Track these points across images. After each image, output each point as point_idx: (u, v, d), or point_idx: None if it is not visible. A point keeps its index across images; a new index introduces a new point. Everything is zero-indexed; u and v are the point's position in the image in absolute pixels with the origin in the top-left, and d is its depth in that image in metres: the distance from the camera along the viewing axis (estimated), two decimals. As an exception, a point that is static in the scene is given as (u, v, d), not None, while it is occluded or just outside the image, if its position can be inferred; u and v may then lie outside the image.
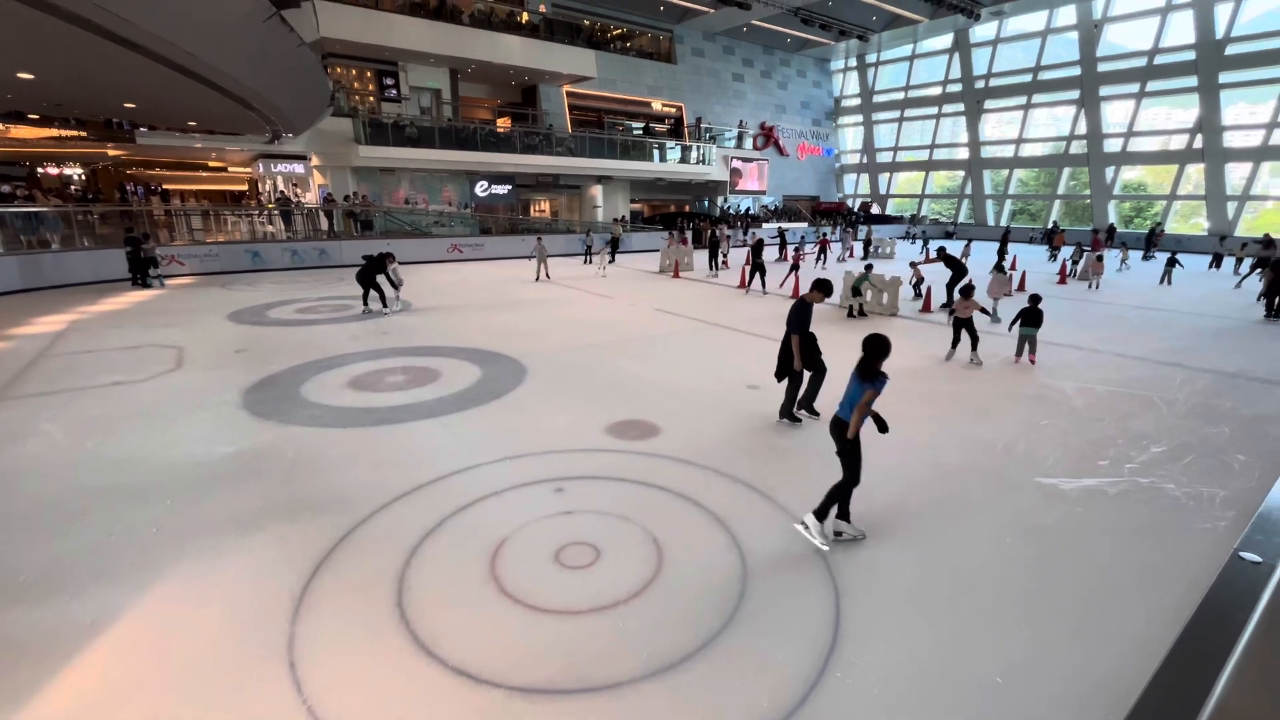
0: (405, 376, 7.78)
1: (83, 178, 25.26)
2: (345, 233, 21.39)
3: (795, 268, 15.02)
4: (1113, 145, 29.75)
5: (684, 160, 30.38)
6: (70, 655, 3.06)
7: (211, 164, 25.51)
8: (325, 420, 6.27)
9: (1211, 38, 25.62)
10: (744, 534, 4.19)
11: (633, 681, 2.93)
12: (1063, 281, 17.34)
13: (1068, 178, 32.30)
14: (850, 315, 12.07)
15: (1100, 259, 16.72)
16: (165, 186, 27.50)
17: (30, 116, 18.50)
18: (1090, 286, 16.16)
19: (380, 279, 11.68)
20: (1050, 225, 29.42)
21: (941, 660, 3.09)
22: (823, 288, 6.13)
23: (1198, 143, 26.99)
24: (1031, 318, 8.51)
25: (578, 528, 4.24)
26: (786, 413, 6.24)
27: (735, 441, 5.81)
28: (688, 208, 34.78)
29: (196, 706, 2.79)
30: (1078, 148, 30.86)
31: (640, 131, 30.50)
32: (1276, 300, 12.59)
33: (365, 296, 11.76)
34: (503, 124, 26.75)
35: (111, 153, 21.36)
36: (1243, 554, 2.15)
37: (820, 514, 4.08)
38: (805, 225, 32.40)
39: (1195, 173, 27.75)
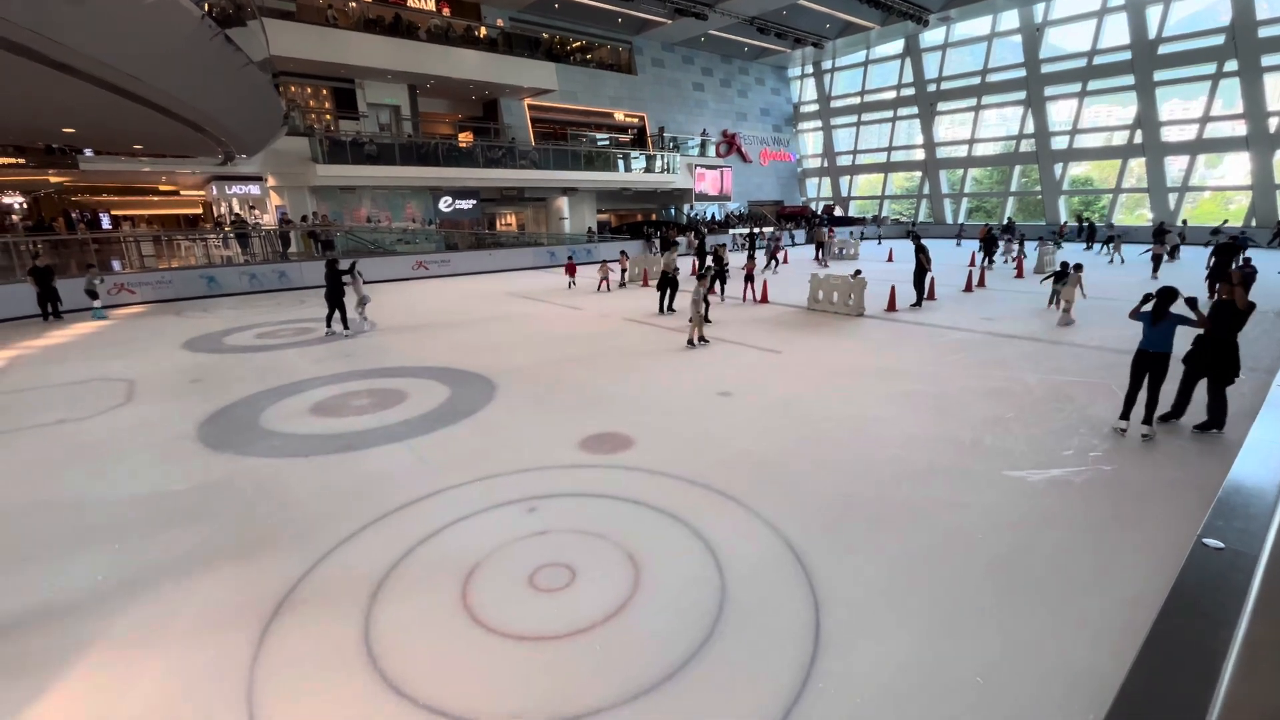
0: (370, 399, 7.57)
1: (24, 206, 24.22)
2: (305, 254, 20.87)
3: (750, 278, 15.02)
4: (1059, 143, 30.92)
5: (649, 169, 30.49)
6: (15, 713, 2.85)
7: (162, 187, 24.69)
8: (286, 450, 6.04)
9: (1145, 38, 26.89)
10: (720, 544, 4.14)
11: (613, 707, 2.84)
12: (1020, 275, 17.90)
13: (1019, 175, 33.42)
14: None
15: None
16: (114, 212, 26.58)
17: (-39, 144, 17.66)
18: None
19: (348, 289, 11.47)
20: (1005, 222, 30.29)
21: (921, 663, 3.08)
22: (1244, 282, 6.15)
23: (1138, 138, 28.24)
24: (1061, 277, 11.70)
25: (552, 548, 4.14)
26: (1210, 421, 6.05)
27: (708, 450, 5.77)
28: (654, 216, 34.92)
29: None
30: (1027, 146, 31.98)
31: (605, 142, 30.51)
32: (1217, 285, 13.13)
33: (329, 318, 11.47)
34: (465, 138, 26.48)
35: (54, 179, 20.52)
36: (1206, 540, 2.18)
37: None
38: (771, 230, 32.80)
39: (1137, 166, 28.99)
